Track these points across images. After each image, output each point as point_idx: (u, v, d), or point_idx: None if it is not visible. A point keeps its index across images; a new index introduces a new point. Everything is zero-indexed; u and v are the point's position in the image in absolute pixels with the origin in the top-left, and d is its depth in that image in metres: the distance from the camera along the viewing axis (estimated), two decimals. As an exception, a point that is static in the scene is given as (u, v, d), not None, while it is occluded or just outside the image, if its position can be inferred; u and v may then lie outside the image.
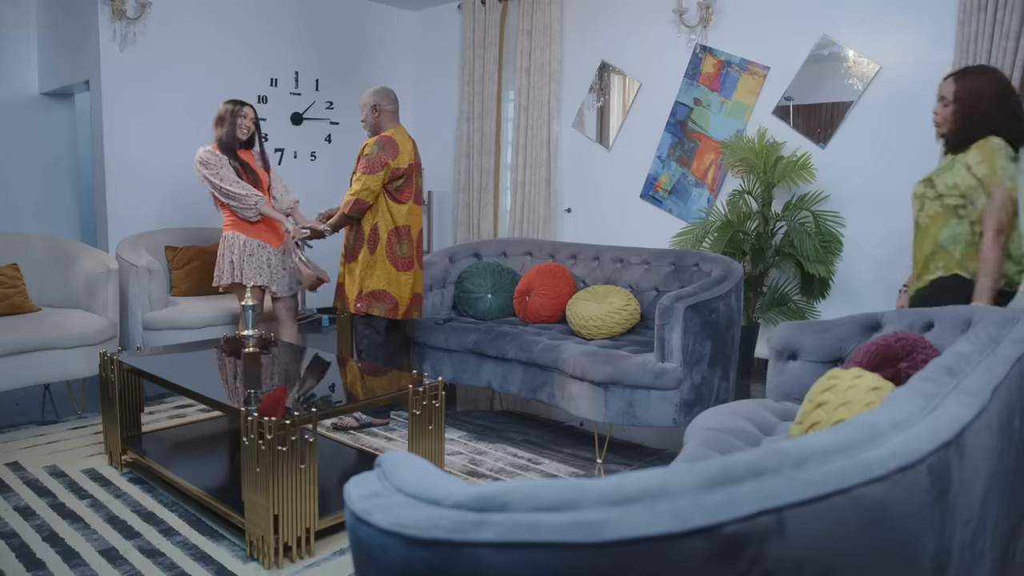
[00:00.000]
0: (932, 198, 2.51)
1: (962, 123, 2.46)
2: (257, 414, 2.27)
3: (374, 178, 3.53)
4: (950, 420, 0.99)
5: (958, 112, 2.47)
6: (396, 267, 3.65)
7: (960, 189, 2.42)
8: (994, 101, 2.43)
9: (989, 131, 2.42)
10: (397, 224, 3.64)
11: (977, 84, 2.45)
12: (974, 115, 2.44)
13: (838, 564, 0.77)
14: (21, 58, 5.62)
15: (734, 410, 2.29)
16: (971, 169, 2.40)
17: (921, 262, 2.58)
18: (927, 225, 2.54)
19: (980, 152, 2.40)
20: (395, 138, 3.60)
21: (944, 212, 2.48)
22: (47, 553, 2.37)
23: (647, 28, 5.16)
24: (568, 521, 0.68)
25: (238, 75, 5.60)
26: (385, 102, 3.68)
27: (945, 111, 2.50)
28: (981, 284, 2.38)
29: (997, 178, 2.35)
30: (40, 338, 3.51)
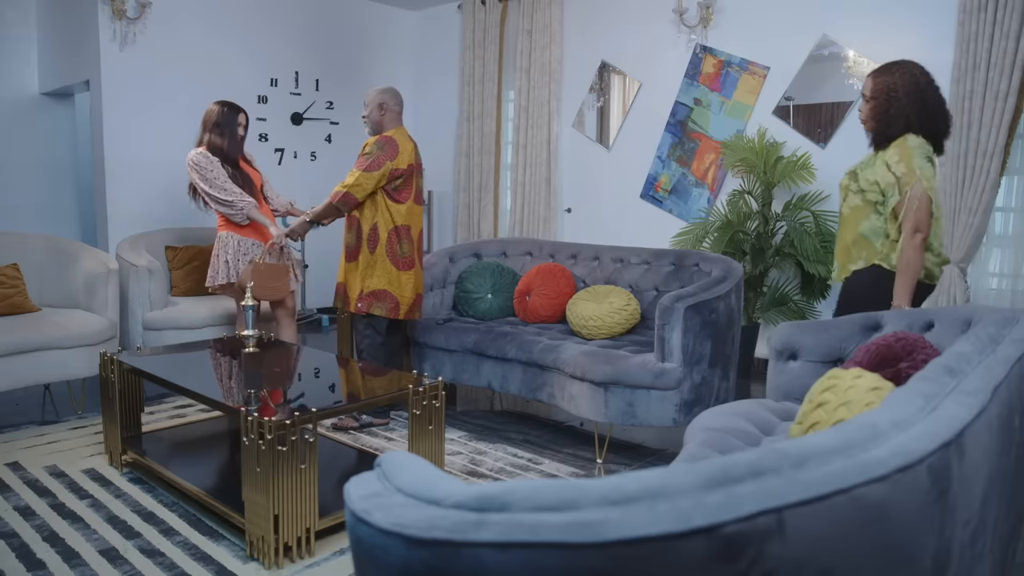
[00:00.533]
0: (855, 191, 2.59)
1: (879, 119, 2.52)
2: (257, 414, 2.27)
3: (369, 176, 3.53)
4: (950, 420, 0.99)
5: (875, 109, 2.52)
6: (397, 267, 3.64)
7: (880, 186, 2.50)
8: (908, 96, 2.46)
9: (905, 126, 2.48)
10: (396, 224, 3.63)
11: (891, 80, 2.49)
12: (889, 110, 2.49)
13: (838, 564, 0.77)
14: (21, 58, 5.62)
15: (734, 410, 2.29)
16: (890, 167, 2.48)
17: (843, 251, 2.65)
18: (848, 216, 2.62)
19: (898, 151, 2.47)
20: (396, 138, 3.60)
21: (864, 205, 2.57)
22: (47, 553, 2.37)
23: (647, 28, 5.16)
24: (568, 521, 0.68)
25: (238, 75, 5.61)
26: (392, 102, 3.69)
27: (866, 108, 2.56)
28: (900, 283, 2.46)
29: (914, 178, 2.41)
30: (40, 338, 3.51)
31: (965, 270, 3.84)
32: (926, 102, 2.48)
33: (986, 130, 3.66)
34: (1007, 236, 3.97)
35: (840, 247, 2.68)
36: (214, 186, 3.78)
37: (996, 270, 4.03)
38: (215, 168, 3.80)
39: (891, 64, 2.55)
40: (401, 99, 3.74)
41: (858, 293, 2.56)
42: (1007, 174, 3.79)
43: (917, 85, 2.48)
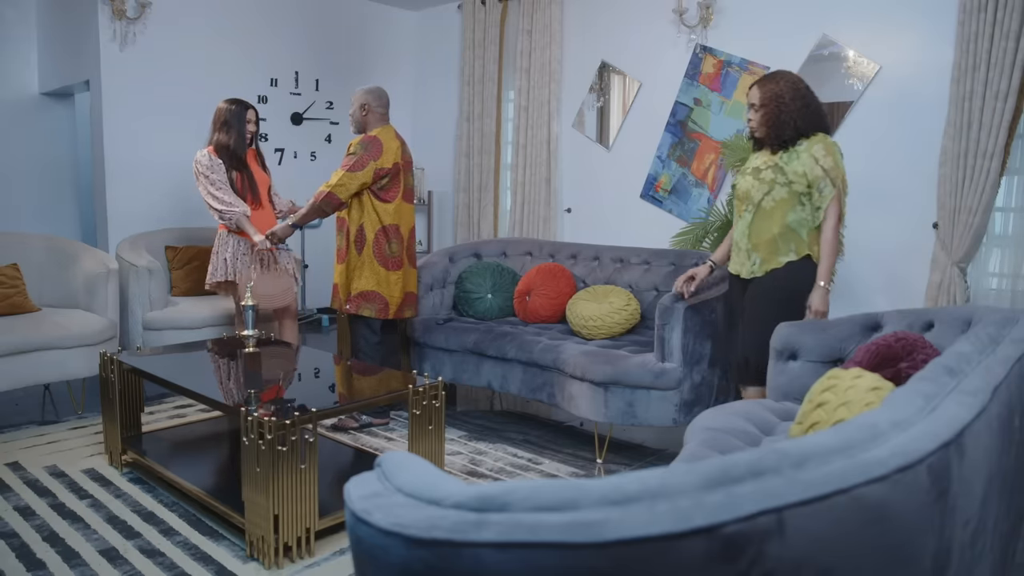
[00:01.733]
0: (783, 184, 2.73)
1: (771, 124, 2.75)
2: (257, 414, 2.27)
3: (353, 177, 3.54)
4: (950, 420, 0.99)
5: (766, 115, 2.76)
6: (386, 267, 3.65)
7: (808, 178, 2.70)
8: (793, 101, 2.72)
9: (795, 127, 2.72)
10: (384, 223, 3.65)
11: (777, 88, 2.75)
12: (780, 115, 2.72)
13: (838, 564, 0.77)
14: (21, 58, 5.62)
15: (734, 410, 2.29)
16: (818, 161, 2.69)
17: (766, 244, 2.78)
18: (772, 208, 2.77)
19: (823, 146, 2.70)
20: (380, 138, 3.61)
21: (790, 197, 2.73)
22: (47, 553, 2.37)
23: (647, 28, 5.16)
24: (568, 521, 0.68)
25: (238, 75, 5.60)
26: (375, 102, 3.68)
27: (757, 116, 2.79)
28: (824, 265, 2.71)
29: (839, 171, 2.71)
30: (40, 338, 3.51)
31: (965, 270, 3.84)
32: (808, 106, 2.74)
33: (986, 130, 3.66)
34: (1007, 236, 3.97)
35: (762, 240, 2.80)
36: (210, 189, 3.77)
37: (996, 270, 4.03)
38: (217, 171, 3.79)
39: (773, 74, 2.83)
40: (386, 98, 3.74)
41: (793, 282, 2.74)
42: (1007, 174, 3.78)
43: (799, 91, 2.75)
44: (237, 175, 3.84)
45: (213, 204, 3.77)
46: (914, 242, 4.06)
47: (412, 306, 3.82)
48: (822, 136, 2.73)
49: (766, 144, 2.82)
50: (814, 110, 2.75)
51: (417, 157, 6.73)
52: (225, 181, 3.80)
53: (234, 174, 3.83)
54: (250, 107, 3.92)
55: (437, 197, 6.63)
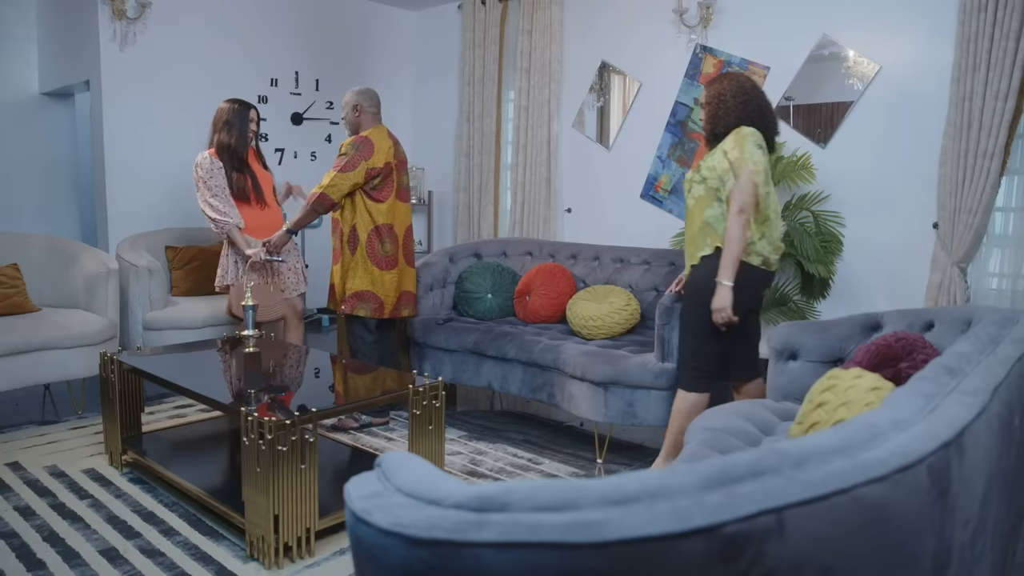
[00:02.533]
0: (698, 181, 2.75)
1: (711, 122, 2.78)
2: (257, 414, 2.27)
3: (344, 177, 3.56)
4: (950, 420, 0.99)
5: (708, 113, 2.79)
6: (379, 266, 3.67)
7: (717, 172, 2.69)
8: (734, 99, 2.72)
9: (727, 125, 2.73)
10: (377, 223, 3.66)
11: (720, 87, 2.76)
12: (719, 114, 2.74)
13: (838, 564, 0.77)
14: (21, 58, 5.62)
15: (734, 410, 2.30)
16: (726, 154, 2.67)
17: (690, 241, 2.79)
18: (693, 206, 2.78)
19: (734, 138, 2.68)
20: (371, 138, 3.63)
21: (707, 194, 2.73)
22: (47, 553, 2.37)
23: (647, 28, 5.16)
24: (568, 521, 0.68)
25: (238, 75, 5.60)
26: (367, 103, 3.70)
27: (703, 114, 2.83)
28: (724, 258, 2.63)
29: (744, 162, 2.61)
30: (40, 338, 3.51)
31: (965, 270, 3.84)
32: (749, 103, 2.73)
33: (986, 130, 3.66)
34: (1007, 236, 3.97)
35: (688, 238, 2.82)
36: (206, 197, 3.74)
37: (996, 270, 4.03)
38: (216, 176, 3.75)
39: (723, 74, 2.85)
40: (377, 98, 3.76)
41: (706, 277, 2.68)
42: (1007, 174, 3.78)
43: (743, 90, 2.74)
44: (239, 175, 3.81)
45: (208, 212, 3.75)
46: (914, 242, 4.07)
47: (410, 305, 3.82)
48: (739, 128, 2.69)
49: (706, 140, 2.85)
50: (754, 108, 2.72)
51: (417, 157, 6.74)
52: (224, 188, 3.76)
53: (234, 175, 3.80)
54: (252, 107, 3.90)
55: (437, 197, 6.63)
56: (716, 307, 2.63)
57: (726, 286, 2.61)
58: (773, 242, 2.74)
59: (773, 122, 2.78)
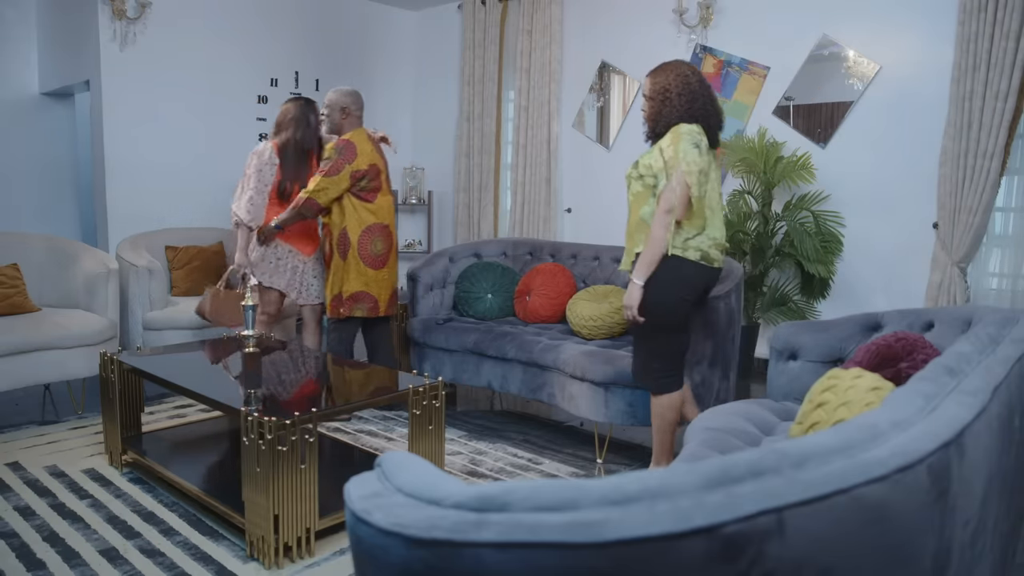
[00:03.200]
0: (636, 178, 2.72)
1: (655, 117, 2.71)
2: (257, 414, 2.27)
3: (330, 181, 3.59)
4: (950, 420, 0.99)
5: (652, 109, 2.72)
6: (371, 266, 3.71)
7: (653, 170, 2.66)
8: (680, 96, 2.65)
9: (668, 124, 2.67)
10: (369, 223, 3.70)
11: (665, 81, 2.69)
12: (663, 109, 2.68)
13: (838, 564, 0.77)
14: (21, 58, 5.62)
15: (734, 410, 2.29)
16: (662, 152, 2.64)
17: (628, 237, 2.77)
18: (632, 203, 2.75)
19: (671, 137, 2.63)
20: (354, 141, 3.65)
21: (644, 191, 2.70)
22: (47, 553, 2.37)
23: (647, 28, 5.16)
24: (568, 521, 0.68)
25: (238, 75, 5.60)
26: (354, 105, 3.74)
27: (647, 106, 2.75)
28: (642, 257, 2.63)
29: (677, 162, 2.57)
30: (40, 338, 3.51)
31: (965, 270, 3.84)
32: (695, 102, 2.67)
33: (986, 130, 3.66)
34: (1007, 236, 3.97)
35: (627, 234, 2.79)
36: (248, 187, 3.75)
37: (996, 270, 4.03)
38: (267, 173, 3.75)
39: (665, 65, 2.74)
40: (362, 102, 3.80)
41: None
42: (1007, 174, 3.78)
43: (689, 87, 2.67)
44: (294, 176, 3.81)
45: (242, 200, 3.76)
46: (914, 242, 4.07)
47: (395, 303, 3.92)
48: (677, 126, 2.63)
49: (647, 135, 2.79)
50: (700, 107, 2.66)
51: (417, 157, 6.74)
52: (264, 186, 3.76)
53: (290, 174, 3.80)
54: (313, 103, 3.92)
55: (437, 197, 6.63)
56: (625, 303, 2.66)
57: (637, 284, 2.62)
58: (714, 238, 2.69)
59: (717, 117, 2.72)
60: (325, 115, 3.75)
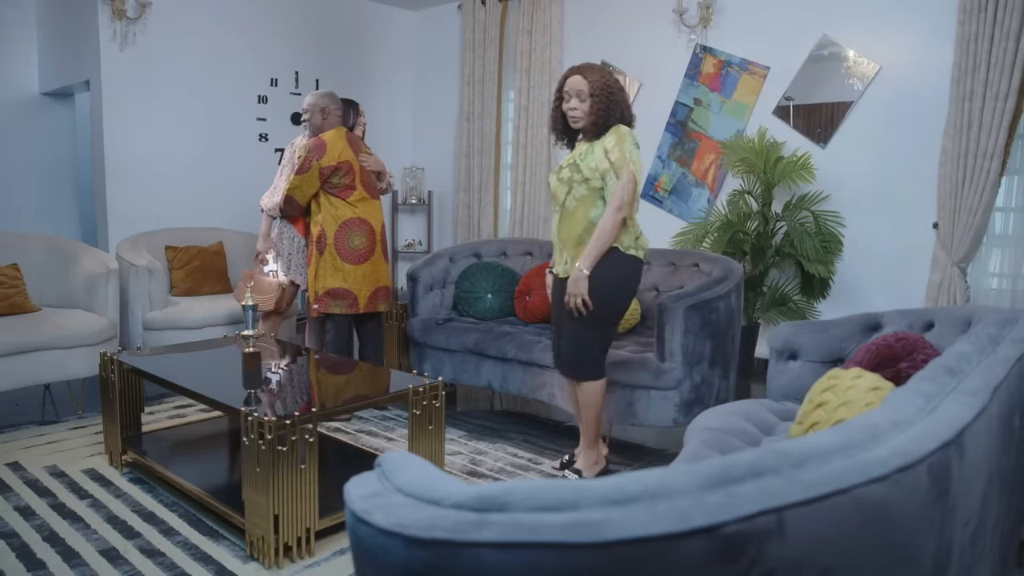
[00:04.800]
0: (579, 182, 2.75)
1: (600, 114, 2.74)
2: (257, 414, 2.27)
3: (302, 178, 3.69)
4: (950, 420, 0.99)
5: (597, 104, 2.73)
6: (349, 261, 3.75)
7: (599, 171, 2.71)
8: (620, 92, 2.78)
9: (619, 119, 2.76)
10: (346, 218, 3.74)
11: (606, 78, 2.76)
12: (610, 105, 2.73)
13: (838, 564, 0.77)
14: (21, 58, 5.62)
15: (734, 410, 2.29)
16: (608, 153, 2.70)
17: (573, 242, 2.79)
18: (575, 207, 2.78)
19: (614, 138, 2.71)
20: (324, 139, 3.72)
21: (590, 194, 2.75)
22: (47, 553, 2.37)
23: (647, 28, 5.16)
24: (568, 521, 0.68)
25: (238, 75, 5.60)
26: (334, 106, 3.82)
27: (583, 105, 2.76)
28: (589, 251, 2.69)
29: (625, 162, 2.67)
30: (40, 338, 3.51)
31: (965, 270, 3.84)
32: (627, 99, 2.82)
33: (986, 130, 3.66)
34: (1007, 236, 3.97)
35: (569, 238, 2.81)
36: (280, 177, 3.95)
37: (996, 270, 4.03)
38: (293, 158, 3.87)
39: (593, 65, 2.82)
40: (340, 102, 3.89)
41: (602, 276, 2.72)
42: (1007, 174, 3.78)
43: (620, 87, 2.81)
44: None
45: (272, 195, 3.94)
46: (914, 242, 4.07)
47: (387, 300, 3.93)
48: (617, 127, 2.73)
49: (584, 136, 2.82)
50: (629, 105, 2.83)
51: (417, 157, 6.74)
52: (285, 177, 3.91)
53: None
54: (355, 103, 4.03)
55: (437, 197, 6.62)
56: (571, 291, 2.72)
57: (585, 274, 2.69)
58: (633, 231, 2.82)
59: (632, 118, 2.87)
60: (306, 119, 3.82)
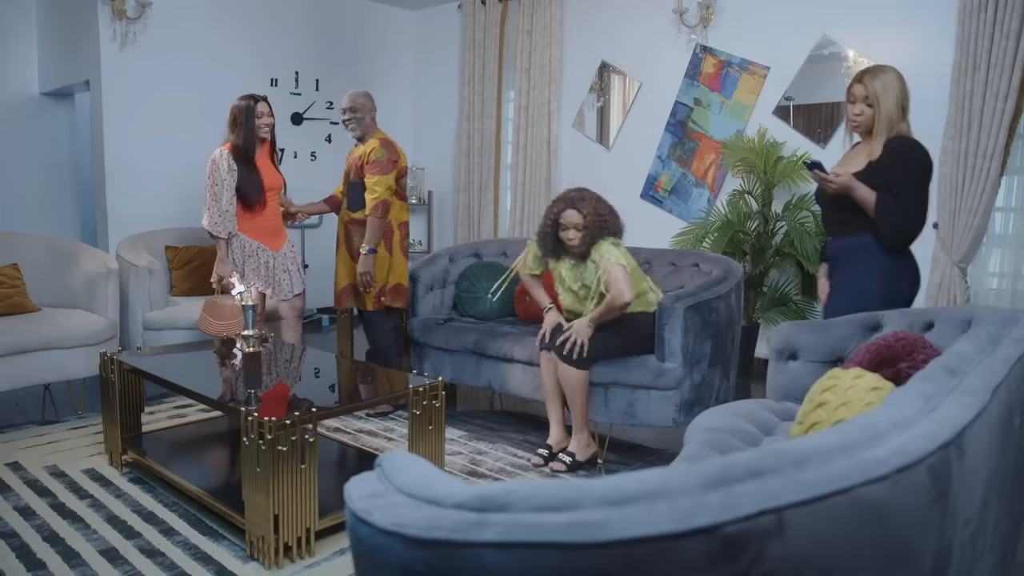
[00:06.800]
0: (586, 298, 3.19)
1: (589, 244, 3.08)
2: (257, 414, 2.27)
3: (386, 180, 3.70)
4: (950, 420, 0.99)
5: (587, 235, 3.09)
6: (407, 260, 3.91)
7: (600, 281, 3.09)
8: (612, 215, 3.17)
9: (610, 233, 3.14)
10: (404, 219, 3.86)
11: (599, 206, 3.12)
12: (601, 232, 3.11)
13: (838, 564, 0.77)
14: (21, 58, 5.62)
15: (734, 410, 2.29)
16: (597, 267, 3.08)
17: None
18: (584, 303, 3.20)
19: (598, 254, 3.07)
20: (390, 140, 3.77)
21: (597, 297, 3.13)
22: (47, 553, 2.37)
23: (647, 28, 5.16)
24: (568, 521, 0.68)
25: (238, 75, 5.60)
26: (374, 106, 3.84)
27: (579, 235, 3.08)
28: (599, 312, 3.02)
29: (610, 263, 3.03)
30: (40, 338, 3.51)
31: (965, 270, 3.84)
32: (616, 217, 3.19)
33: (986, 130, 3.66)
34: (1007, 236, 3.97)
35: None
36: (208, 195, 3.66)
37: (996, 270, 4.03)
38: (218, 175, 3.62)
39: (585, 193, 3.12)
40: None
41: (616, 337, 3.10)
42: (1007, 174, 3.78)
43: (608, 207, 3.15)
44: (245, 177, 3.69)
45: (207, 212, 3.68)
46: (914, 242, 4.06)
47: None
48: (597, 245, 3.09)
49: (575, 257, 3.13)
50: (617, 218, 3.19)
51: (417, 157, 6.74)
52: (224, 190, 3.63)
53: (246, 171, 3.69)
54: (260, 99, 3.75)
55: (437, 197, 6.63)
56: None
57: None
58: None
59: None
60: (357, 118, 3.75)
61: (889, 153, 2.55)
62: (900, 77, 2.62)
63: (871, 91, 2.60)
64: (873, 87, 2.60)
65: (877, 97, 2.59)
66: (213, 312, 3.76)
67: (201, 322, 3.81)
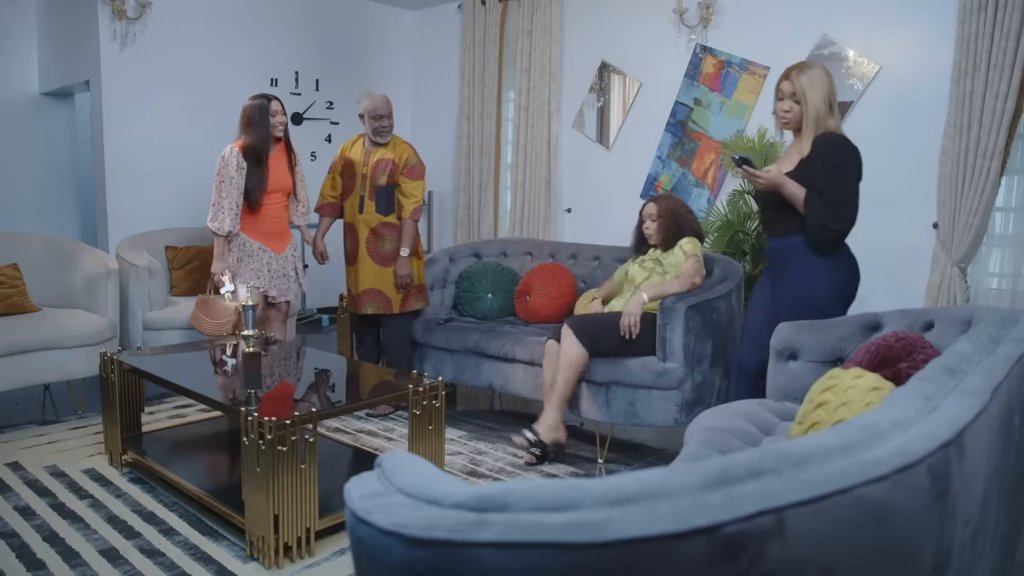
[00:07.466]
0: (659, 273, 3.38)
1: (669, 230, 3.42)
2: (257, 414, 2.27)
3: (422, 184, 3.85)
4: (950, 420, 0.99)
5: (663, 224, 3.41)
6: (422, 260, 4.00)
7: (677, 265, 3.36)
8: (688, 212, 3.48)
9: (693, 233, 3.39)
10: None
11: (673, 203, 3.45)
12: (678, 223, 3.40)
13: (838, 564, 0.77)
14: (21, 58, 5.62)
15: (734, 410, 2.29)
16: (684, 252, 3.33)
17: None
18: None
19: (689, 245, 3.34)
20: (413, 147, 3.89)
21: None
22: (47, 553, 2.37)
23: (647, 28, 5.16)
24: (568, 521, 0.68)
25: (238, 75, 5.60)
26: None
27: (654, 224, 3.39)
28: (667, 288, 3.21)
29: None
30: (40, 338, 3.51)
31: (965, 270, 3.84)
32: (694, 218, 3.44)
33: (986, 130, 3.66)
34: (1007, 236, 3.97)
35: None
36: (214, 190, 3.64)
37: (996, 270, 4.03)
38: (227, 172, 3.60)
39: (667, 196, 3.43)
40: None
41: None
42: (1007, 174, 3.78)
43: (685, 206, 3.43)
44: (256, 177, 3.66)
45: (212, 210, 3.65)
46: (914, 242, 4.06)
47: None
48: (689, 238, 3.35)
49: (656, 247, 3.37)
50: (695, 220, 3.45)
51: (417, 157, 6.74)
52: (232, 188, 3.61)
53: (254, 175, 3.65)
54: (273, 98, 3.72)
55: (437, 197, 6.63)
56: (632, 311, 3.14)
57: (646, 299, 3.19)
58: None
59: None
60: (387, 124, 3.81)
61: (816, 150, 2.55)
62: (827, 73, 2.60)
63: (798, 87, 2.58)
64: (800, 83, 2.58)
65: (804, 93, 2.57)
66: (205, 310, 3.74)
67: (194, 319, 3.78)
